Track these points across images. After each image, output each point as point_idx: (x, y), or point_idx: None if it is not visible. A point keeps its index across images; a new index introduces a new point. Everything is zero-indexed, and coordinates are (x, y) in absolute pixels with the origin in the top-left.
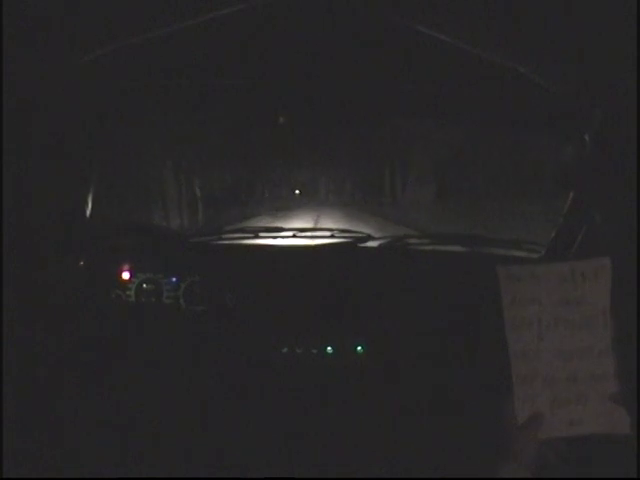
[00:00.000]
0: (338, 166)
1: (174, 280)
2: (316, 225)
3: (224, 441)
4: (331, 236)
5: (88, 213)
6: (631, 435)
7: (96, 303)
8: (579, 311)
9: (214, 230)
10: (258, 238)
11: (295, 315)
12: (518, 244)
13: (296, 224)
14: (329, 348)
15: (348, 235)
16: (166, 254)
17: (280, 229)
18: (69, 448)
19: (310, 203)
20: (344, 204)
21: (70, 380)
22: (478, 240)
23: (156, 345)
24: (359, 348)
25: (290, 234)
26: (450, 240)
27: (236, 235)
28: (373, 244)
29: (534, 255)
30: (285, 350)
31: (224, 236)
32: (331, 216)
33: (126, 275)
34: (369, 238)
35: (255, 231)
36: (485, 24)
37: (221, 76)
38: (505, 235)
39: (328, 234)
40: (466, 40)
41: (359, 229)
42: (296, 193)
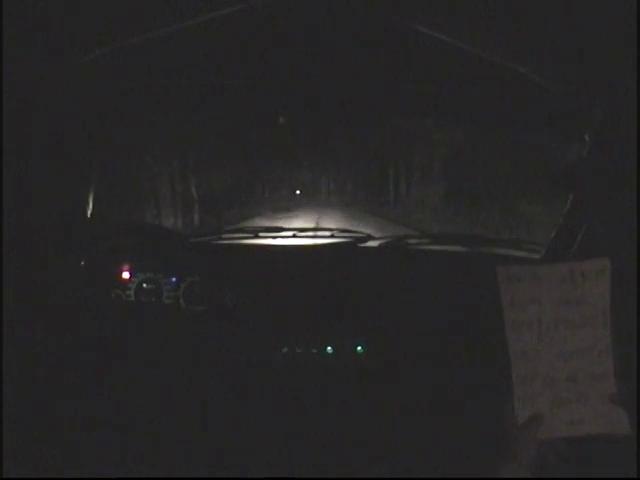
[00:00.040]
0: (338, 166)
1: (174, 280)
2: (317, 225)
3: (224, 441)
4: (331, 236)
5: (88, 213)
6: (631, 435)
7: (96, 303)
8: (579, 311)
9: (214, 230)
10: (258, 238)
11: (295, 315)
12: (518, 244)
13: (296, 224)
14: (329, 348)
15: (348, 235)
16: (166, 254)
17: (280, 229)
18: (69, 448)
19: (310, 203)
20: (345, 204)
21: (70, 380)
22: (478, 240)
23: (156, 345)
24: (359, 348)
25: (290, 234)
26: (450, 240)
27: (236, 235)
28: (373, 244)
29: (534, 255)
30: (285, 350)
31: (224, 236)
32: (332, 216)
33: (126, 275)
34: (369, 238)
35: (255, 231)
36: (485, 24)
37: (221, 76)
38: (505, 235)
39: (328, 234)
40: (466, 40)
41: (360, 229)
42: (297, 193)
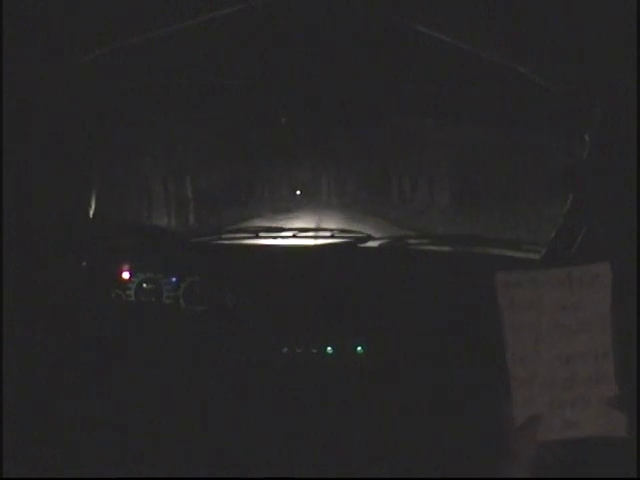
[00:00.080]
0: (339, 166)
1: (174, 280)
2: (317, 226)
3: (224, 441)
4: (331, 236)
5: (88, 213)
6: (629, 438)
7: (96, 303)
8: (576, 317)
9: (214, 230)
10: (258, 238)
11: (295, 315)
12: (518, 244)
13: (297, 224)
14: (329, 348)
15: (348, 235)
16: (166, 254)
17: (280, 229)
18: (69, 448)
19: (311, 203)
20: (345, 205)
21: (70, 380)
22: (478, 240)
23: (156, 345)
24: (359, 348)
25: (290, 234)
26: (450, 240)
27: (236, 235)
28: (373, 244)
29: (534, 256)
30: (285, 350)
31: (224, 236)
32: (332, 217)
33: (126, 275)
34: (369, 238)
35: (255, 231)
36: (485, 24)
37: (221, 76)
38: (505, 235)
39: (328, 234)
40: (466, 40)
41: (360, 229)
42: (297, 194)
